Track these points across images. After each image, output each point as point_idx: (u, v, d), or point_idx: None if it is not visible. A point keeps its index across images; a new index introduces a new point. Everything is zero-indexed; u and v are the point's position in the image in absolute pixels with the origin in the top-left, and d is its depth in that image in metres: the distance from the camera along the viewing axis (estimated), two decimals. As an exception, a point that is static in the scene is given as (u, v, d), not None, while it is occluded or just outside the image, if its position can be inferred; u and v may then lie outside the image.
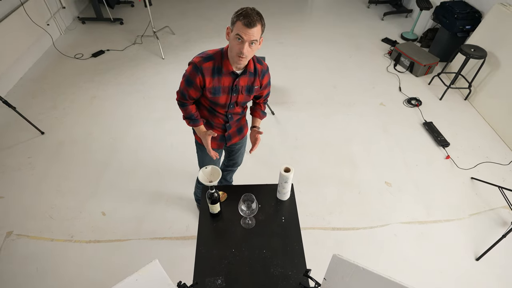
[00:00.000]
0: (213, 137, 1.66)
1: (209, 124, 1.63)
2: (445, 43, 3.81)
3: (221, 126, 1.64)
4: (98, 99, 3.27)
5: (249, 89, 1.48)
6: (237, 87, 1.44)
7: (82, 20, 4.46)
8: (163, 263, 1.00)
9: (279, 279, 1.26)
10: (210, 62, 1.36)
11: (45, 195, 2.40)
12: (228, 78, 1.40)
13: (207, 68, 1.36)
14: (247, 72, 1.42)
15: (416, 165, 2.75)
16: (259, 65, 1.47)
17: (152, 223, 2.27)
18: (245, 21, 1.18)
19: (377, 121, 3.16)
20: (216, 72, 1.37)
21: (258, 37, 1.25)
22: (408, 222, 2.35)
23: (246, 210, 1.34)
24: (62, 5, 4.17)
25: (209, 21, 4.69)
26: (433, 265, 2.11)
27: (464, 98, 3.47)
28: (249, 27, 1.19)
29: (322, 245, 2.18)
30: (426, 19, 4.29)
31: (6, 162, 2.62)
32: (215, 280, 1.25)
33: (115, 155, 2.72)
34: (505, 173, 2.71)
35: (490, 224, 2.35)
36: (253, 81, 1.47)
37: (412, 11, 4.93)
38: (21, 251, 2.09)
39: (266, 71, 1.52)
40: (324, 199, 2.47)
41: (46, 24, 3.79)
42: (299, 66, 3.88)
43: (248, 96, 1.51)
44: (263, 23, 1.25)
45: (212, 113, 1.56)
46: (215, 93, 1.42)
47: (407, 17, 5.00)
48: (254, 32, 1.21)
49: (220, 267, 1.29)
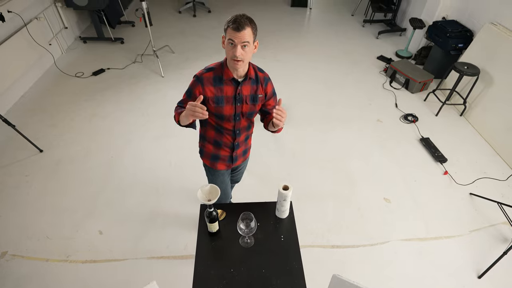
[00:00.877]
0: (221, 158, 1.67)
1: (217, 144, 1.61)
2: (439, 60, 3.90)
3: (229, 144, 1.61)
4: (97, 117, 3.30)
5: (253, 98, 1.47)
6: (240, 96, 1.43)
7: (84, 39, 4.55)
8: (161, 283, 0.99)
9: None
10: (210, 72, 1.40)
11: (42, 214, 2.38)
12: (230, 87, 1.41)
13: (207, 78, 1.39)
14: (248, 79, 1.42)
15: (415, 181, 2.76)
16: (260, 73, 1.48)
17: (150, 242, 2.24)
18: (234, 25, 1.23)
19: (374, 137, 3.19)
20: (217, 81, 1.40)
21: (250, 39, 1.27)
22: (408, 239, 2.33)
23: (245, 228, 1.33)
24: (65, 25, 4.27)
25: (207, 39, 4.80)
26: (434, 283, 2.08)
27: (459, 114, 3.52)
28: (238, 30, 1.22)
29: (322, 263, 2.15)
30: (419, 37, 4.41)
31: (3, 180, 2.61)
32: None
33: (113, 173, 2.71)
34: (504, 189, 2.72)
35: (491, 240, 2.34)
36: (256, 89, 1.47)
37: (405, 29, 5.07)
38: (16, 272, 2.05)
39: (269, 79, 1.52)
40: (323, 216, 2.46)
41: (48, 44, 3.87)
42: (296, 82, 3.94)
43: (253, 105, 1.49)
44: (253, 26, 1.28)
45: (220, 131, 1.55)
46: (218, 102, 1.42)
47: (401, 36, 5.13)
48: (244, 35, 1.24)
49: (219, 287, 1.27)
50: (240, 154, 1.71)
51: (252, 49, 1.32)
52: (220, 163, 1.69)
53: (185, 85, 1.47)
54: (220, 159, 1.67)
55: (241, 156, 1.74)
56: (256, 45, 1.35)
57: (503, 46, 3.09)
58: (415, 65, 4.05)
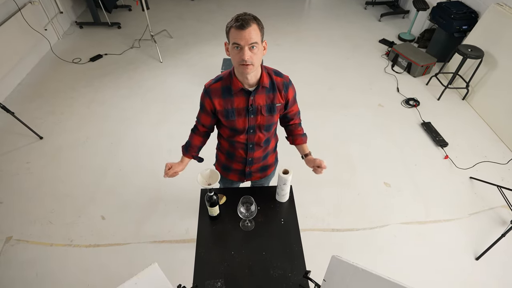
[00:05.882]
0: (233, 170, 1.56)
1: (230, 157, 1.50)
2: (442, 43, 3.84)
3: (242, 159, 1.48)
4: (96, 103, 3.28)
5: (270, 108, 1.30)
6: (253, 107, 1.27)
7: (80, 24, 4.47)
8: (163, 267, 1.01)
9: (278, 281, 1.26)
10: (218, 83, 1.26)
11: (44, 200, 2.41)
12: (241, 98, 1.25)
13: (215, 89, 1.26)
14: (261, 88, 1.24)
15: (415, 165, 2.76)
16: (278, 78, 1.28)
17: (152, 226, 2.27)
18: (237, 24, 1.06)
19: (375, 122, 3.18)
20: (225, 92, 1.25)
21: (258, 39, 1.10)
22: (408, 222, 2.35)
23: (245, 212, 1.34)
24: (60, 10, 4.18)
25: (206, 23, 4.72)
26: (432, 265, 2.12)
27: (462, 98, 3.49)
28: (243, 28, 1.06)
29: (322, 246, 2.18)
30: (423, 20, 4.32)
31: (4, 167, 2.62)
32: (215, 283, 1.25)
33: (114, 159, 2.72)
34: (504, 173, 2.72)
35: (490, 223, 2.36)
36: (273, 98, 1.28)
37: (409, 12, 4.97)
38: (21, 256, 2.09)
39: (289, 83, 1.32)
40: (324, 201, 2.48)
41: (44, 29, 3.81)
42: (297, 67, 3.90)
43: (271, 117, 1.32)
44: (259, 23, 1.12)
45: (232, 144, 1.43)
46: (228, 116, 1.29)
47: (404, 18, 5.03)
48: (250, 33, 1.07)
49: (220, 269, 1.29)
50: (255, 171, 1.57)
51: (262, 50, 1.15)
52: (232, 174, 1.58)
53: (183, 71, 1.46)
54: (231, 171, 1.57)
55: (257, 172, 1.58)
56: (265, 46, 1.17)
57: (508, 28, 3.03)
58: (418, 48, 3.99)
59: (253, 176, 1.60)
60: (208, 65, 3.79)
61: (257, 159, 1.50)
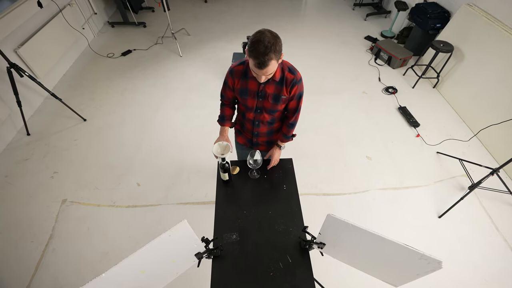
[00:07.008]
0: (243, 136, 1.57)
1: (242, 126, 1.53)
2: (418, 39, 3.68)
3: (250, 130, 1.50)
4: (128, 91, 3.23)
5: (276, 98, 1.28)
6: (263, 93, 1.27)
7: (112, 24, 4.32)
8: (188, 223, 1.02)
9: (282, 234, 1.28)
10: (241, 65, 1.26)
11: (90, 170, 2.43)
12: (254, 83, 1.25)
13: (237, 71, 1.26)
14: (271, 80, 1.22)
15: (392, 142, 2.74)
16: (289, 75, 1.23)
17: (178, 191, 2.30)
18: (256, 62, 1.00)
19: (360, 106, 3.11)
20: (243, 75, 1.25)
21: (274, 69, 1.05)
22: (385, 188, 2.36)
23: (253, 163, 1.38)
24: (94, 11, 4.03)
25: (217, 23, 4.53)
26: (404, 222, 2.15)
27: (433, 87, 3.39)
28: (261, 68, 1.00)
29: (316, 207, 2.21)
30: (402, 19, 4.12)
31: (57, 144, 2.63)
32: (230, 235, 1.27)
33: (145, 137, 2.72)
34: (465, 148, 2.69)
35: (451, 189, 2.37)
36: (280, 90, 1.25)
37: (390, 12, 4.73)
38: (75, 214, 2.14)
39: (298, 82, 1.25)
40: (317, 171, 2.48)
41: (82, 28, 3.68)
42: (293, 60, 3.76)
43: (275, 104, 1.30)
44: (276, 53, 1.00)
45: (244, 117, 1.45)
46: (242, 94, 1.30)
47: (386, 17, 4.80)
48: (268, 71, 1.02)
49: (234, 225, 1.31)
50: (261, 143, 1.56)
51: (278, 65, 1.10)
52: (241, 138, 1.60)
53: (199, 64, 1.42)
54: (241, 136, 1.59)
55: (263, 144, 1.57)
56: (282, 56, 1.07)
57: (475, 26, 2.88)
58: (397, 44, 3.83)
59: (260, 147, 1.59)
60: (220, 59, 3.67)
61: (262, 133, 1.50)
